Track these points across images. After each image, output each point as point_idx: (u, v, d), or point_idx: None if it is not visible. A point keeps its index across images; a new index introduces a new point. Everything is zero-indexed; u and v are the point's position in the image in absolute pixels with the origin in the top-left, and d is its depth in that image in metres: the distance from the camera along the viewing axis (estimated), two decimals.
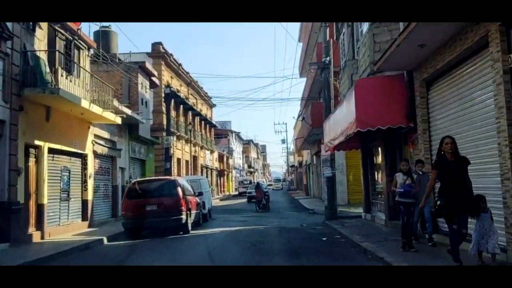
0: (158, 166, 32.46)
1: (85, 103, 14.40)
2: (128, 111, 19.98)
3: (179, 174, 37.98)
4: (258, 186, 30.18)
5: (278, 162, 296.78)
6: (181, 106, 39.28)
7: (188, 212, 15.25)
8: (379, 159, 16.10)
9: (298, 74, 42.85)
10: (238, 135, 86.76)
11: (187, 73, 41.25)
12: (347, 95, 12.61)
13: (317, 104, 27.28)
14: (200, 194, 18.03)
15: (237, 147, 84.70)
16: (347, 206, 24.05)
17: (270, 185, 74.35)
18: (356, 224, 15.28)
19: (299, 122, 48.69)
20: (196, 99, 46.05)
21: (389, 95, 11.08)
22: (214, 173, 55.47)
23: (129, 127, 22.55)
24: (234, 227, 17.26)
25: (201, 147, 46.68)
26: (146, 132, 24.52)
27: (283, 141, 77.30)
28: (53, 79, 13.59)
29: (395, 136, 13.74)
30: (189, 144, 41.15)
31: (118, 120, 17.45)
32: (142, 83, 23.81)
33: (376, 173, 16.66)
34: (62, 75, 14.39)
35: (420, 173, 9.37)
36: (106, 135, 19.26)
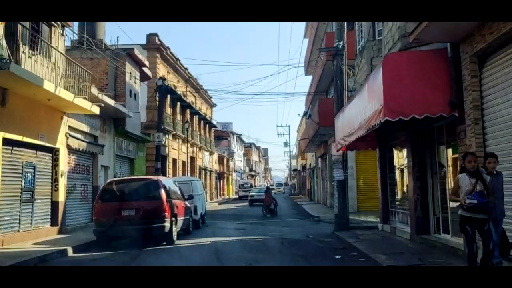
0: (150, 166, 29.90)
1: (49, 86, 11.96)
2: (111, 102, 17.54)
3: (174, 175, 35.55)
4: (267, 190, 27.82)
5: (279, 166, 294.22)
6: (178, 103, 36.85)
7: (174, 218, 12.80)
8: (401, 160, 13.64)
9: (303, 70, 40.43)
10: (239, 137, 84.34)
11: (186, 69, 38.88)
12: (370, 78, 10.14)
13: (325, 101, 24.83)
14: (190, 197, 15.60)
15: (238, 150, 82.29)
16: (357, 214, 21.52)
17: (272, 189, 72.32)
18: (373, 238, 12.79)
19: (303, 124, 46.32)
20: (195, 97, 43.67)
21: (426, 75, 8.62)
22: (214, 175, 53.00)
23: (115, 121, 20.13)
24: (229, 236, 14.80)
25: (200, 148, 44.25)
26: (135, 128, 22.09)
27: (286, 144, 74.85)
28: (10, 55, 11.15)
29: (424, 132, 11.29)
30: (186, 144, 38.71)
31: (96, 110, 15.01)
32: (130, 73, 21.40)
33: (397, 176, 14.20)
34: (24, 52, 12.00)
35: (494, 172, 6.47)
36: (84, 128, 16.83)
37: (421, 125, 10.95)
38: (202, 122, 46.48)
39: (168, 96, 33.97)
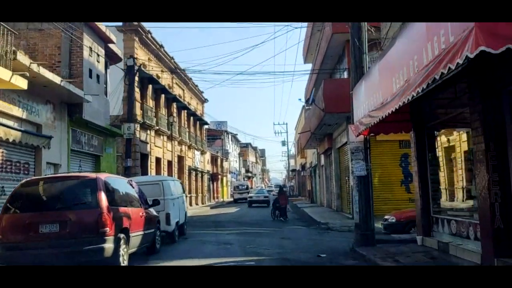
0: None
1: None
2: (54, 77, 13.35)
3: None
4: (281, 191, 25.00)
5: (277, 167, 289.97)
6: (163, 96, 32.70)
7: (122, 235, 8.66)
8: (452, 145, 9.56)
9: (302, 59, 36.31)
10: (234, 136, 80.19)
11: (171, 58, 34.72)
12: None
13: (332, 82, 20.73)
14: (156, 203, 11.41)
15: (233, 150, 78.15)
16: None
17: (271, 190, 69.42)
18: (420, 260, 8.63)
19: (302, 119, 42.23)
20: (183, 90, 39.52)
21: None
22: (206, 176, 48.83)
23: (69, 107, 16.00)
24: (209, 257, 10.65)
25: (189, 147, 40.08)
26: (98, 117, 17.88)
27: (283, 143, 70.63)
28: None
29: (500, 98, 7.21)
30: (172, 142, 34.53)
31: (21, 83, 10.85)
32: (91, 49, 17.22)
33: (443, 169, 10.10)
34: None
35: None
36: (18, 112, 12.71)
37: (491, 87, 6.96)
38: (192, 118, 42.33)
39: (150, 86, 29.91)
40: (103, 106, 18.44)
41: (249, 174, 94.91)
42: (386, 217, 14.23)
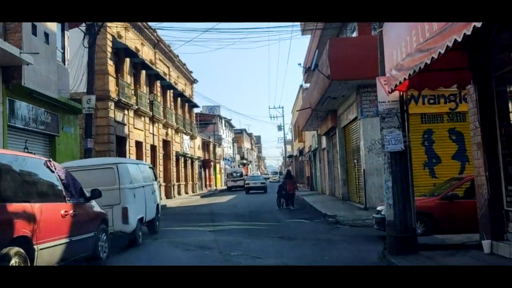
0: (97, 150, 22.34)
1: None
2: None
3: None
4: (289, 175, 22.54)
5: (273, 153, 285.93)
6: (144, 72, 29.04)
7: (16, 249, 5.17)
8: None
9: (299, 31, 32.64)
10: (228, 122, 76.63)
11: (154, 30, 30.96)
12: None
13: (339, 41, 17.14)
14: (96, 195, 7.92)
15: (227, 136, 74.63)
16: None
17: (267, 178, 67.20)
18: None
19: (299, 100, 38.65)
20: (168, 68, 35.82)
21: None
22: (196, 163, 45.34)
23: (4, 72, 12.42)
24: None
25: (176, 130, 36.49)
26: (50, 87, 14.27)
27: (280, 128, 67.10)
28: None
29: None
30: (156, 124, 30.95)
31: None
32: None
33: None
34: None
35: None
36: None
37: None
38: (179, 99, 38.68)
39: (127, 60, 26.23)
40: (57, 74, 14.81)
41: (244, 161, 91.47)
42: (378, 208, 10.85)
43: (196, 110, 50.69)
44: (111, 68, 23.41)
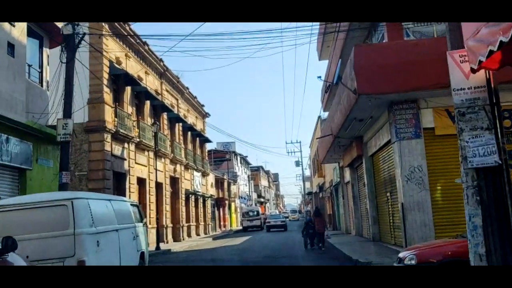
0: (90, 187, 19.74)
1: None
2: None
3: (141, 201, 25.10)
4: (318, 212, 21.02)
5: (291, 190, 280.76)
6: (148, 102, 26.72)
7: None
8: None
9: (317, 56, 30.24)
10: (244, 158, 73.97)
11: (160, 60, 28.87)
12: None
13: (368, 48, 14.41)
14: (8, 247, 5.10)
15: (243, 173, 71.80)
16: None
17: (287, 216, 68.37)
18: None
19: (317, 132, 35.79)
20: (176, 99, 33.57)
21: None
22: (209, 202, 42.39)
23: None
24: None
25: (186, 166, 33.84)
26: (16, 109, 11.78)
27: (298, 163, 64.00)
28: None
29: None
30: (162, 160, 28.36)
31: None
32: None
33: None
34: None
35: None
36: None
37: None
38: (189, 134, 36.24)
39: (128, 89, 23.96)
40: (26, 95, 12.34)
41: (262, 200, 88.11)
42: (400, 255, 7.99)
43: (209, 146, 48.34)
44: (107, 96, 21.08)
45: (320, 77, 18.46)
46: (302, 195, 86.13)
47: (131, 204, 10.31)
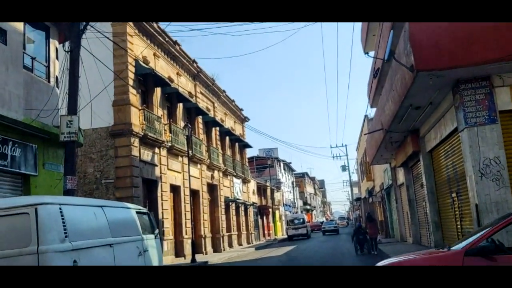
0: (117, 196, 18.27)
1: None
2: None
3: (175, 210, 23.43)
4: (371, 218, 21.36)
5: (338, 197, 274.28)
6: (180, 105, 25.13)
7: None
8: None
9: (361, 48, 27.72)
10: (288, 165, 71.72)
11: (193, 61, 27.32)
12: None
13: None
14: None
15: (287, 180, 69.50)
16: None
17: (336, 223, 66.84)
18: None
19: (363, 138, 33.05)
20: (213, 103, 31.91)
21: None
22: (251, 210, 40.43)
23: None
24: None
25: (224, 172, 32.05)
26: (14, 106, 10.21)
27: (344, 168, 60.95)
28: None
29: None
30: (198, 166, 26.66)
31: None
32: None
33: None
34: None
35: None
36: None
37: None
38: (227, 139, 34.50)
39: (158, 90, 22.43)
40: (22, 89, 10.75)
41: (308, 207, 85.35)
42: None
43: (250, 153, 46.50)
44: (134, 97, 19.56)
45: (367, 53, 16.09)
46: (350, 202, 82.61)
47: (139, 212, 8.40)
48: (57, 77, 12.61)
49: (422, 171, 16.77)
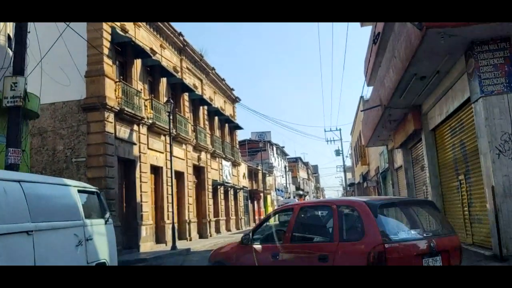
0: (89, 176, 16.70)
1: None
2: None
3: (157, 192, 21.86)
4: None
5: (331, 182, 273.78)
6: (164, 80, 23.36)
7: None
8: None
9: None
10: (281, 149, 70.18)
11: (179, 34, 25.46)
12: None
13: None
14: None
15: (280, 164, 68.05)
16: None
17: None
18: None
19: (358, 122, 31.48)
20: (200, 80, 30.12)
21: None
22: (241, 194, 38.93)
23: None
24: None
25: (212, 154, 30.40)
26: None
27: (338, 153, 59.44)
28: None
29: None
30: (183, 146, 25.01)
31: None
32: None
33: None
34: None
35: None
36: None
37: None
38: (216, 119, 32.79)
39: (138, 62, 20.66)
40: None
41: (301, 192, 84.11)
42: None
43: (242, 136, 44.83)
44: (109, 68, 17.80)
45: None
46: (343, 187, 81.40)
47: (82, 191, 6.76)
48: (9, 36, 10.86)
49: (423, 152, 15.23)
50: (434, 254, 5.28)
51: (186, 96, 26.41)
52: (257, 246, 6.63)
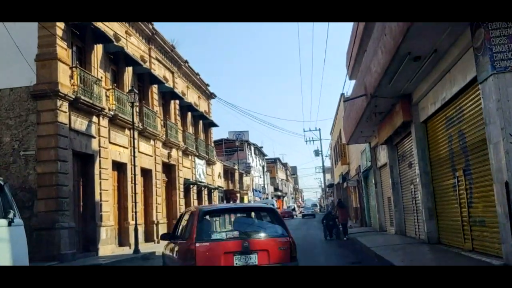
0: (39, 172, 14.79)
1: None
2: None
3: (120, 191, 19.94)
4: (342, 204, 22.17)
5: (309, 183, 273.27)
6: (130, 69, 21.44)
7: None
8: None
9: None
10: (259, 149, 68.58)
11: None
12: None
13: None
14: None
15: (258, 165, 66.42)
16: None
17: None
18: None
19: (338, 121, 30.06)
20: (172, 73, 28.20)
21: None
22: (216, 194, 37.10)
23: None
24: None
25: (184, 152, 28.49)
26: None
27: (317, 153, 58.12)
28: None
29: None
30: (152, 142, 23.10)
31: None
32: None
33: None
34: None
35: None
36: None
37: None
38: (189, 115, 30.91)
39: (99, 48, 18.72)
40: None
41: (279, 193, 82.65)
42: None
43: (219, 135, 42.94)
44: (63, 52, 15.85)
45: None
46: (322, 189, 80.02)
47: None
48: None
49: (413, 147, 13.71)
50: (249, 252, 6.24)
51: (155, 88, 24.51)
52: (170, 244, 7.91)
